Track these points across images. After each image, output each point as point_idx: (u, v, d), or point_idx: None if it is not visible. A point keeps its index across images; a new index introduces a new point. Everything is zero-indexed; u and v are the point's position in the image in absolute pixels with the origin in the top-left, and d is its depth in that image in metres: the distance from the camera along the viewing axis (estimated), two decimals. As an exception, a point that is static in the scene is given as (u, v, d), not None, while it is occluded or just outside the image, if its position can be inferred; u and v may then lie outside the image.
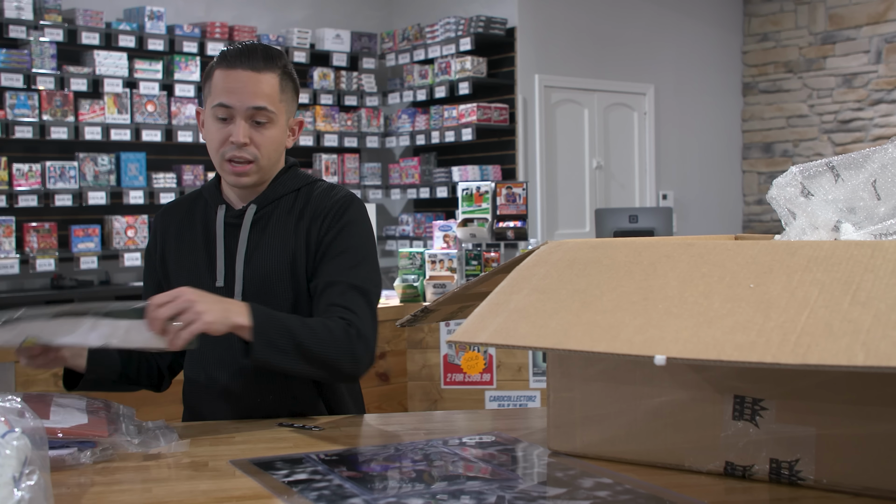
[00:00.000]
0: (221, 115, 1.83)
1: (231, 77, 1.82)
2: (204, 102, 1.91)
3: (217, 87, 1.84)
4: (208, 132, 1.87)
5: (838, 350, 1.01)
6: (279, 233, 1.89)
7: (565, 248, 1.46)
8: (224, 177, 1.90)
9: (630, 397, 1.39)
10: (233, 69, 1.83)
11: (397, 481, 1.31)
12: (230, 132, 1.83)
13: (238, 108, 1.82)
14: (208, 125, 1.87)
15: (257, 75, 1.83)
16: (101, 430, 1.47)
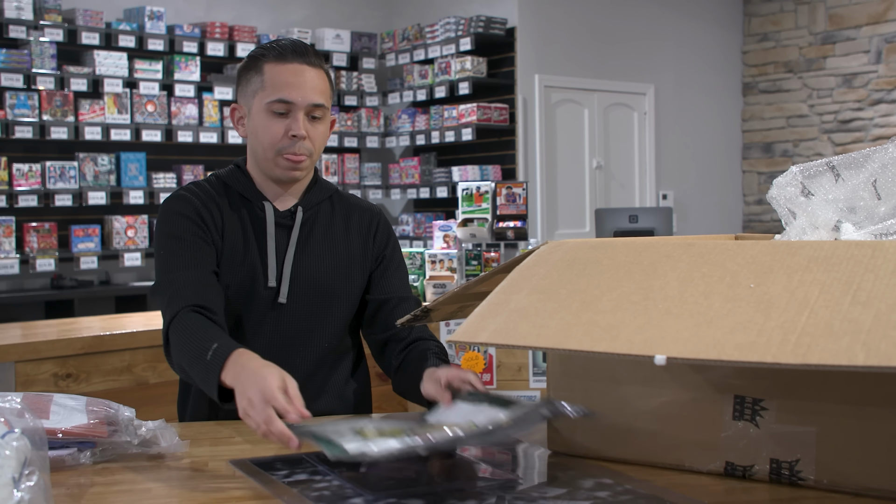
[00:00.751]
0: (280, 109, 1.83)
1: (288, 71, 1.83)
2: (249, 97, 1.88)
3: (272, 82, 1.83)
4: (260, 126, 1.86)
5: (839, 350, 1.01)
6: (326, 239, 1.93)
7: (565, 248, 1.46)
8: (274, 171, 1.88)
9: (630, 397, 1.39)
10: (287, 63, 1.84)
11: (397, 481, 1.31)
12: (288, 126, 1.83)
13: (299, 103, 1.83)
14: (260, 120, 1.85)
15: (313, 70, 1.85)
16: (101, 430, 1.47)
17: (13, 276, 5.66)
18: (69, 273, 5.81)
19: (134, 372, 3.20)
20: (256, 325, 1.87)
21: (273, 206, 1.92)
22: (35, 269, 5.56)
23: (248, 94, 1.89)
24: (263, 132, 1.85)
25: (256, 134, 1.87)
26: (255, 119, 1.87)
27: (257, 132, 1.87)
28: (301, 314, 1.88)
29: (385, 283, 1.96)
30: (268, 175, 1.91)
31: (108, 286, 5.93)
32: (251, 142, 1.90)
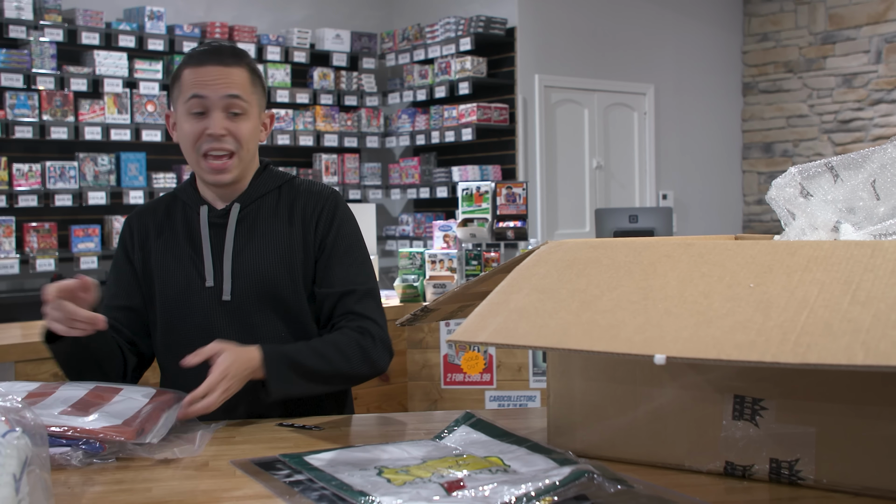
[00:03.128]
0: (196, 108, 1.82)
1: (202, 73, 1.82)
2: (173, 104, 1.89)
3: (188, 84, 1.83)
4: (182, 130, 1.86)
5: (838, 349, 1.01)
6: (268, 231, 1.91)
7: (565, 248, 1.46)
8: (202, 175, 1.88)
9: (630, 397, 1.39)
10: (202, 66, 1.83)
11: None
12: (206, 125, 1.82)
13: (212, 98, 1.81)
14: (181, 123, 1.86)
15: (227, 69, 1.84)
16: (128, 431, 1.46)
17: (13, 276, 5.67)
18: (69, 273, 5.80)
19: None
20: (208, 326, 1.86)
21: (209, 207, 1.92)
22: (35, 269, 5.56)
23: (173, 100, 1.90)
24: (183, 135, 1.86)
25: (181, 138, 1.88)
26: (178, 124, 1.88)
27: (181, 136, 1.87)
28: (249, 309, 1.87)
29: (330, 273, 1.90)
30: (201, 180, 1.92)
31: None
32: (181, 148, 1.90)
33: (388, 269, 7.06)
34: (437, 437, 1.52)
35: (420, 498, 1.18)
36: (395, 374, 3.90)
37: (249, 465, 1.40)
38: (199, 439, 1.53)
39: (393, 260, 7.05)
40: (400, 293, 3.96)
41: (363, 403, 3.82)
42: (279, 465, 1.39)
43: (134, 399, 1.59)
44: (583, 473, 1.21)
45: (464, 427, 1.53)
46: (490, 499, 1.17)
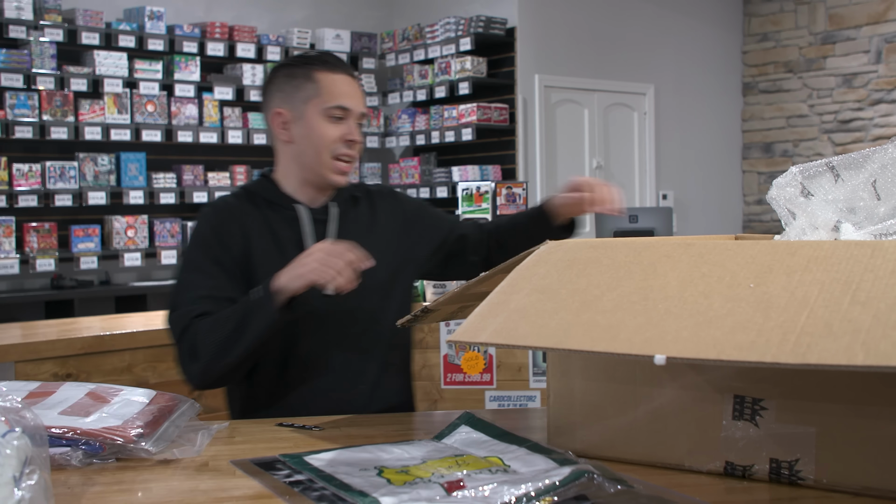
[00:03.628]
0: (338, 115, 1.94)
1: (341, 81, 1.96)
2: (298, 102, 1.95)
3: (329, 90, 1.94)
4: (315, 130, 1.94)
5: (838, 350, 1.01)
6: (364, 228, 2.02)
7: (565, 248, 1.46)
8: (326, 174, 1.96)
9: (630, 397, 1.39)
10: (337, 73, 1.96)
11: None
12: (345, 131, 1.95)
13: (354, 110, 1.96)
14: (316, 123, 1.94)
15: (358, 83, 2.01)
16: (127, 434, 1.46)
17: (13, 276, 5.67)
18: (69, 273, 5.81)
19: (134, 372, 3.20)
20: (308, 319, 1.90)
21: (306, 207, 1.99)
22: (35, 269, 5.56)
23: (297, 99, 1.95)
24: (320, 136, 1.94)
25: (310, 137, 1.95)
26: (308, 123, 1.95)
27: (311, 136, 1.95)
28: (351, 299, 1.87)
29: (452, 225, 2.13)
30: (312, 179, 1.98)
31: (108, 286, 5.94)
32: (300, 146, 1.97)
33: (388, 269, 7.05)
34: (437, 437, 1.52)
35: (420, 498, 1.18)
36: (395, 374, 3.90)
37: (249, 465, 1.40)
38: (199, 439, 1.53)
39: (393, 260, 7.05)
40: (400, 293, 3.95)
41: (363, 403, 3.82)
42: (279, 465, 1.39)
43: (134, 400, 1.59)
44: (583, 473, 1.21)
45: (464, 427, 1.53)
46: (490, 499, 1.17)
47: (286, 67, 2.00)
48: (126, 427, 1.47)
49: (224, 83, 6.40)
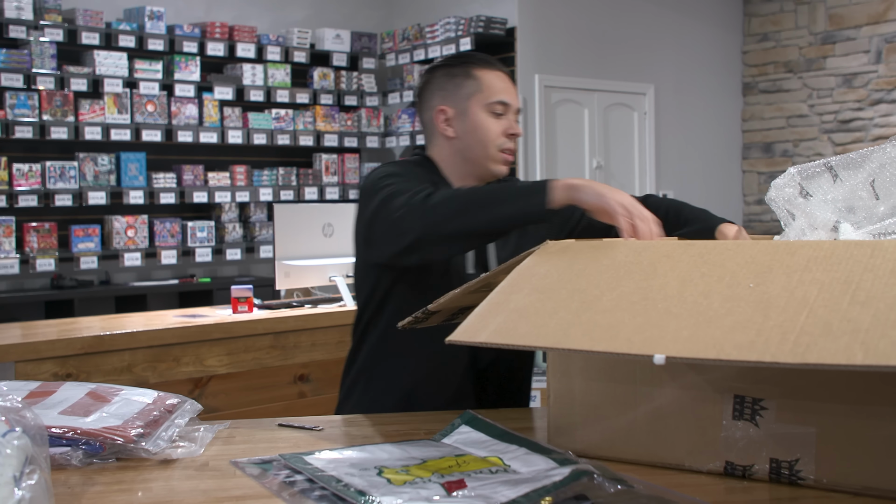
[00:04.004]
0: (500, 110, 2.01)
1: (499, 77, 2.04)
2: (461, 99, 2.01)
3: (490, 86, 2.01)
4: (479, 125, 2.00)
5: (837, 349, 1.01)
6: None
7: (565, 249, 1.46)
8: (492, 166, 2.02)
9: (630, 398, 1.39)
10: (495, 70, 2.04)
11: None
12: (507, 126, 2.02)
13: (513, 106, 2.04)
14: (480, 119, 2.00)
15: (511, 79, 2.08)
16: (128, 434, 1.46)
17: (13, 276, 5.67)
18: (69, 273, 5.81)
19: (134, 372, 3.20)
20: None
21: None
22: (35, 269, 5.57)
23: (460, 96, 2.02)
24: (485, 131, 2.01)
25: (475, 132, 2.01)
26: (473, 119, 2.01)
27: (476, 131, 2.01)
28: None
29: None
30: (476, 171, 2.03)
31: (108, 286, 5.94)
32: (465, 141, 2.02)
33: (388, 269, 7.05)
34: (436, 437, 1.53)
35: (420, 498, 1.18)
36: (395, 374, 3.90)
37: (249, 465, 1.40)
38: (200, 439, 1.54)
39: (393, 260, 7.05)
40: (400, 293, 3.95)
41: (363, 403, 3.82)
42: (279, 465, 1.39)
43: (134, 400, 1.59)
44: (583, 473, 1.21)
45: (464, 427, 1.53)
46: (490, 498, 1.17)
47: (444, 67, 2.07)
48: (126, 427, 1.47)
49: (224, 83, 6.40)
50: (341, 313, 3.78)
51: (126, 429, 1.47)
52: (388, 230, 1.75)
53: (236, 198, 6.48)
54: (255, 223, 6.59)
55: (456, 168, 2.04)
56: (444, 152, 2.05)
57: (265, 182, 6.61)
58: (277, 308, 3.83)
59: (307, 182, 6.82)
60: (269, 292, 5.05)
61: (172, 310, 4.19)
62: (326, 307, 3.88)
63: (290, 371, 3.63)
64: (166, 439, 1.50)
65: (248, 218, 6.63)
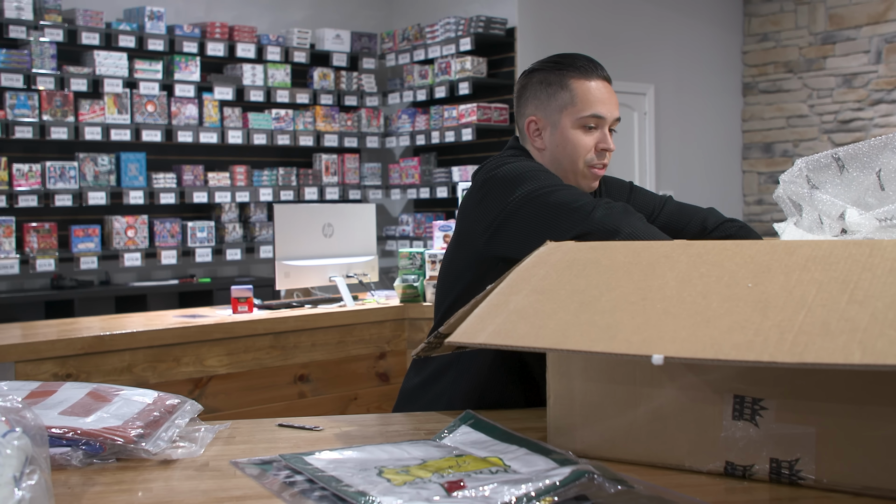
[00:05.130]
0: (592, 124, 1.95)
1: (596, 88, 1.96)
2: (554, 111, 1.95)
3: (584, 98, 1.94)
4: (570, 140, 1.94)
5: (835, 348, 1.01)
6: None
7: (565, 249, 1.46)
8: (579, 181, 1.96)
9: (630, 398, 1.39)
10: (593, 80, 1.96)
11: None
12: (598, 140, 1.96)
13: (608, 118, 1.97)
14: (570, 134, 1.94)
15: (611, 87, 2.00)
16: (127, 434, 1.46)
17: (13, 276, 5.67)
18: (69, 273, 5.81)
19: (134, 372, 3.21)
20: None
21: None
22: (35, 269, 5.57)
23: (552, 108, 1.96)
24: (574, 146, 1.95)
25: (564, 147, 1.95)
26: (563, 132, 1.95)
27: (565, 145, 1.95)
28: None
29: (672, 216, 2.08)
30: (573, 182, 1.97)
31: (108, 286, 5.94)
32: (555, 154, 1.97)
33: (388, 269, 7.06)
34: (437, 437, 1.53)
35: (420, 498, 1.18)
36: (394, 374, 3.91)
37: (249, 465, 1.40)
38: (200, 440, 1.54)
39: (393, 260, 7.06)
40: (400, 293, 3.96)
41: (363, 403, 3.83)
42: (279, 465, 1.39)
43: (134, 400, 1.59)
44: (583, 474, 1.21)
45: (464, 427, 1.53)
46: (490, 499, 1.17)
47: (541, 73, 2.00)
48: (126, 427, 1.47)
49: (224, 83, 6.41)
50: (341, 313, 3.78)
51: (126, 429, 1.47)
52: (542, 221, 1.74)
53: (236, 198, 6.48)
54: (255, 223, 6.60)
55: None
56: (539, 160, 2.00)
57: (265, 182, 6.61)
58: (277, 308, 3.83)
59: (307, 182, 6.82)
60: (269, 292, 5.06)
61: (172, 310, 4.19)
62: (326, 307, 3.88)
63: (290, 371, 3.63)
64: (166, 440, 1.50)
65: (248, 218, 6.63)
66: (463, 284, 1.92)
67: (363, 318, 3.82)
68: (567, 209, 1.72)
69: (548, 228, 1.72)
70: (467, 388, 1.92)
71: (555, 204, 1.74)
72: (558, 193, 1.76)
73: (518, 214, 1.78)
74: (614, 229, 1.67)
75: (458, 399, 1.90)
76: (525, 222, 1.77)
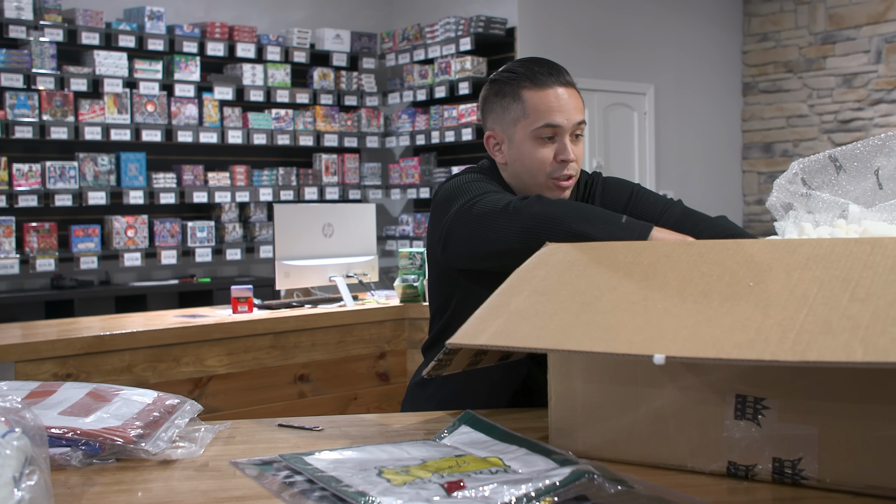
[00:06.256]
0: (547, 134, 1.85)
1: (549, 96, 1.85)
2: (508, 125, 1.89)
3: (536, 109, 1.85)
4: (527, 154, 1.87)
5: (837, 346, 1.01)
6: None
7: (565, 250, 1.46)
8: (547, 195, 1.86)
9: (632, 399, 1.38)
10: (547, 88, 1.85)
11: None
12: (557, 151, 1.86)
13: (566, 126, 1.85)
14: (526, 147, 1.87)
15: (569, 90, 1.87)
16: (127, 434, 1.46)
17: (13, 276, 5.67)
18: (69, 273, 5.81)
19: (134, 372, 3.20)
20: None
21: None
22: (35, 269, 5.57)
23: (506, 121, 1.90)
24: (531, 159, 1.87)
25: (522, 161, 1.88)
26: (519, 147, 1.88)
27: (523, 160, 1.88)
28: None
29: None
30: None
31: (108, 286, 5.94)
32: (515, 168, 1.91)
33: (388, 269, 7.06)
34: (437, 437, 1.52)
35: (420, 498, 1.18)
36: (394, 374, 3.90)
37: (249, 465, 1.40)
38: (200, 440, 1.53)
39: (393, 260, 7.06)
40: (400, 293, 3.96)
41: (363, 403, 3.82)
42: (279, 465, 1.39)
43: (134, 400, 1.59)
44: (583, 474, 1.21)
45: (464, 427, 1.53)
46: (490, 499, 1.17)
47: (496, 84, 1.93)
48: (126, 427, 1.47)
49: (224, 83, 6.40)
50: (341, 313, 3.78)
51: (126, 429, 1.47)
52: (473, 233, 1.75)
53: (236, 198, 6.48)
54: (255, 223, 6.59)
55: (517, 190, 1.94)
56: (504, 174, 1.96)
57: (265, 182, 6.61)
58: (277, 308, 3.83)
59: (307, 182, 6.82)
60: (269, 292, 5.05)
61: (172, 310, 4.19)
62: (326, 307, 3.88)
63: (290, 371, 3.63)
64: (166, 440, 1.50)
65: (248, 218, 6.63)
66: (443, 295, 1.96)
67: (363, 318, 3.82)
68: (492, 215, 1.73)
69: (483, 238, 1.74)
70: (456, 391, 1.94)
71: (479, 214, 1.75)
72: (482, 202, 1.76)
73: (454, 230, 1.80)
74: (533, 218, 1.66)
75: (448, 400, 1.92)
76: (461, 237, 1.79)
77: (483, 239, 1.74)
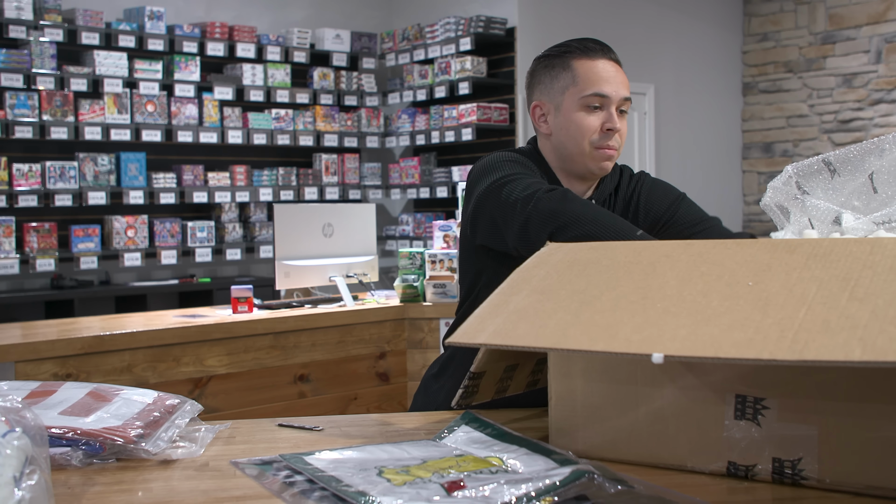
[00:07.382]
0: (595, 103, 1.88)
1: (600, 67, 1.89)
2: (556, 93, 1.91)
3: (586, 77, 1.88)
4: (574, 121, 1.88)
5: (835, 346, 1.01)
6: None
7: (565, 249, 1.46)
8: (586, 165, 1.90)
9: (631, 398, 1.39)
10: (597, 59, 1.89)
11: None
12: (604, 120, 1.88)
13: (613, 97, 1.88)
14: (573, 114, 1.89)
15: (619, 68, 1.92)
16: (128, 434, 1.46)
17: (13, 276, 5.67)
18: (69, 273, 5.81)
19: (134, 372, 3.20)
20: None
21: None
22: (35, 269, 5.57)
23: (554, 90, 1.92)
24: (577, 127, 1.88)
25: (568, 129, 1.90)
26: (566, 114, 1.90)
27: (569, 127, 1.89)
28: None
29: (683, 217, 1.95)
30: (575, 170, 1.93)
31: (108, 286, 5.94)
32: (559, 137, 1.92)
33: (388, 269, 7.06)
34: (437, 437, 1.52)
35: (420, 498, 1.18)
36: (394, 374, 3.90)
37: (249, 465, 1.40)
38: (200, 440, 1.53)
39: (393, 260, 7.06)
40: (400, 293, 3.96)
41: (363, 403, 3.83)
42: (279, 465, 1.39)
43: (134, 400, 1.59)
44: (583, 474, 1.21)
45: (464, 427, 1.53)
46: (490, 499, 1.17)
47: (546, 58, 1.96)
48: (126, 427, 1.47)
49: (224, 83, 6.40)
50: (341, 313, 3.78)
51: (126, 429, 1.47)
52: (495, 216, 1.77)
53: (236, 198, 6.48)
54: (255, 223, 6.60)
55: (558, 165, 1.95)
56: (545, 148, 1.97)
57: (265, 182, 6.61)
58: (277, 308, 3.83)
59: (307, 182, 6.82)
60: (269, 292, 5.06)
61: (172, 310, 4.19)
62: (326, 307, 3.88)
63: (290, 371, 3.63)
64: (166, 440, 1.50)
65: (248, 218, 6.63)
66: (473, 273, 1.96)
67: (363, 318, 3.82)
68: (512, 200, 1.74)
69: (502, 220, 1.76)
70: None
71: (503, 198, 1.77)
72: (510, 185, 1.77)
73: (483, 206, 1.82)
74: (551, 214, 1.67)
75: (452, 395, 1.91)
76: (488, 214, 1.81)
77: (503, 223, 1.76)
